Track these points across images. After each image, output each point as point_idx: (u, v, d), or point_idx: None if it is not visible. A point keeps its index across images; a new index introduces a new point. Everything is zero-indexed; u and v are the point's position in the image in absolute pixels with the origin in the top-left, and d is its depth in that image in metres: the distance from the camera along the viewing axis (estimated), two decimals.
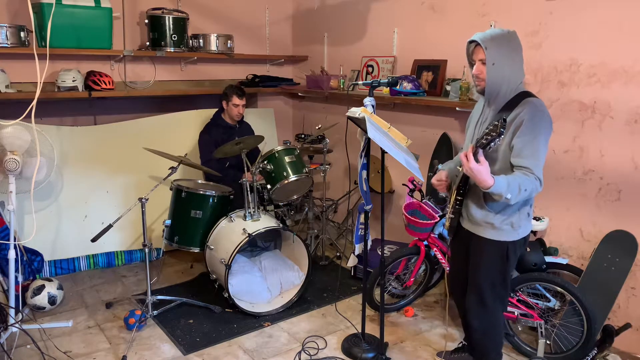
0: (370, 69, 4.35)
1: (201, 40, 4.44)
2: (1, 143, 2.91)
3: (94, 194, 4.06)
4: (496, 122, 1.96)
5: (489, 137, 1.99)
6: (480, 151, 2.08)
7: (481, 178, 2.05)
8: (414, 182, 3.36)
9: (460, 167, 2.37)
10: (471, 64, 2.33)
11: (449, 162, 2.64)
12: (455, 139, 3.69)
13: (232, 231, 3.36)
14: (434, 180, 2.54)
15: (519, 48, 2.22)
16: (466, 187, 2.35)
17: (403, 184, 3.46)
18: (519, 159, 2.15)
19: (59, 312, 3.36)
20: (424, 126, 3.96)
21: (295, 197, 3.89)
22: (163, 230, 3.55)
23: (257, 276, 3.53)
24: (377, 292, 3.28)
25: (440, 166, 2.66)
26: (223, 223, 3.49)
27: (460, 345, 2.92)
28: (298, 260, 3.64)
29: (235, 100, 4.01)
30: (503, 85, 2.20)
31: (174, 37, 4.21)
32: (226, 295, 3.27)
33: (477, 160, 2.08)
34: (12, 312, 2.94)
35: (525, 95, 2.22)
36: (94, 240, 3.08)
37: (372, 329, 3.18)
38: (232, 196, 3.67)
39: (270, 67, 5.22)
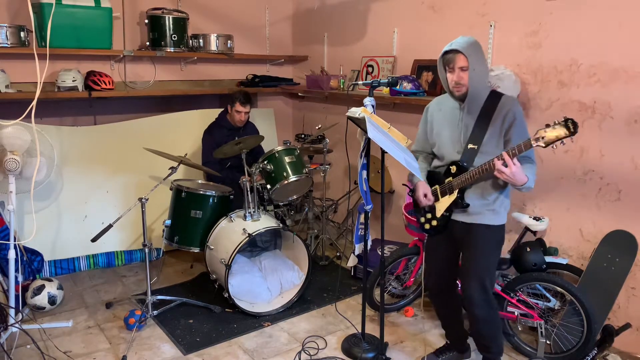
0: (370, 69, 4.35)
1: (201, 40, 4.44)
2: (1, 143, 2.92)
3: (94, 194, 4.06)
4: (561, 122, 2.08)
5: (557, 137, 2.10)
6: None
7: (519, 178, 2.21)
8: None
9: (447, 165, 2.45)
10: (445, 72, 2.38)
11: (415, 171, 2.44)
12: None
13: (232, 231, 3.36)
14: (422, 199, 2.51)
15: (483, 53, 2.37)
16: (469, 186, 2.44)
17: (403, 184, 3.47)
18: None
19: (59, 312, 3.36)
20: None
21: (295, 197, 3.89)
22: (163, 230, 3.56)
23: (257, 276, 3.53)
24: (377, 292, 3.28)
25: (412, 181, 2.60)
26: (223, 223, 3.49)
27: (445, 345, 2.92)
28: (298, 260, 3.64)
29: (238, 107, 3.97)
30: (481, 89, 2.37)
31: (174, 37, 4.21)
32: (226, 295, 3.27)
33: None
34: (12, 312, 2.94)
35: (497, 93, 2.40)
36: (94, 240, 3.08)
37: (372, 329, 3.18)
38: (232, 196, 3.67)
39: (270, 67, 5.22)
